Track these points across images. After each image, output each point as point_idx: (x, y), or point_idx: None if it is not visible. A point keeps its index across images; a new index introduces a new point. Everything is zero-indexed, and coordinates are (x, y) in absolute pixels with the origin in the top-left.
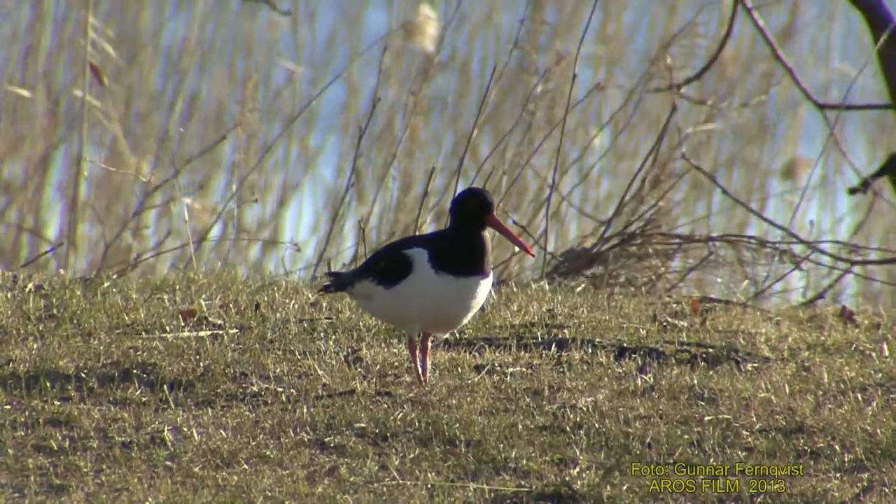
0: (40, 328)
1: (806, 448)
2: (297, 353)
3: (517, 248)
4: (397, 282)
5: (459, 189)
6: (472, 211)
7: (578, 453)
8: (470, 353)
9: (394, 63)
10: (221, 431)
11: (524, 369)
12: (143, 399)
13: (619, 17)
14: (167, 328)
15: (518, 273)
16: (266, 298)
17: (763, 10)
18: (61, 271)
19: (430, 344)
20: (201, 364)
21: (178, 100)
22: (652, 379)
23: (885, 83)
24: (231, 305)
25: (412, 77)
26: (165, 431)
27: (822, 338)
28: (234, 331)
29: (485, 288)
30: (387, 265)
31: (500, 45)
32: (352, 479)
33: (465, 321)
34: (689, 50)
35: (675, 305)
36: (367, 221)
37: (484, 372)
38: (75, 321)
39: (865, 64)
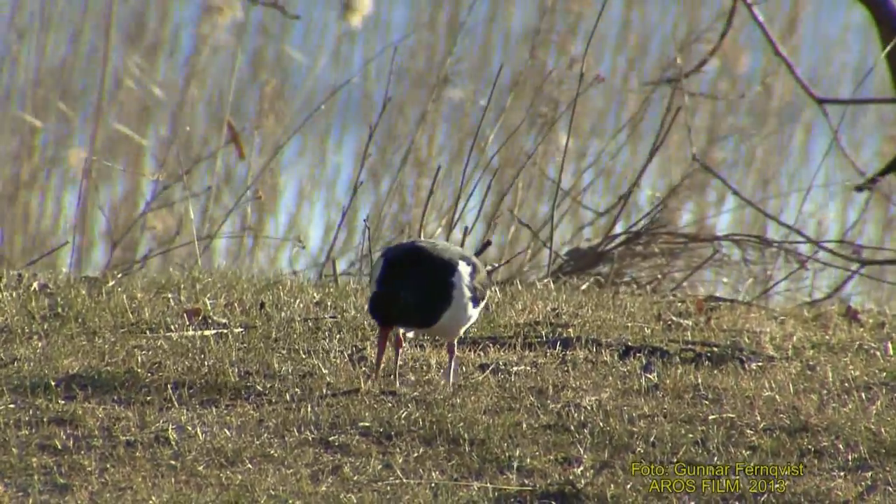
0: (45, 327)
1: (810, 447)
2: (301, 352)
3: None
4: None
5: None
6: None
7: (582, 452)
8: (475, 352)
9: (409, 63)
10: (226, 430)
11: (529, 368)
12: (148, 398)
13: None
14: (172, 327)
15: (524, 272)
16: (271, 297)
17: (765, 5)
18: (66, 270)
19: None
20: (206, 363)
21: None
22: (656, 378)
23: (893, 81)
24: (236, 304)
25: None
26: (170, 430)
27: (827, 337)
28: (239, 330)
29: None
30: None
31: (509, 47)
32: (356, 477)
33: None
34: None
35: (679, 304)
36: (373, 221)
37: (488, 371)
38: (80, 320)
39: (870, 68)
